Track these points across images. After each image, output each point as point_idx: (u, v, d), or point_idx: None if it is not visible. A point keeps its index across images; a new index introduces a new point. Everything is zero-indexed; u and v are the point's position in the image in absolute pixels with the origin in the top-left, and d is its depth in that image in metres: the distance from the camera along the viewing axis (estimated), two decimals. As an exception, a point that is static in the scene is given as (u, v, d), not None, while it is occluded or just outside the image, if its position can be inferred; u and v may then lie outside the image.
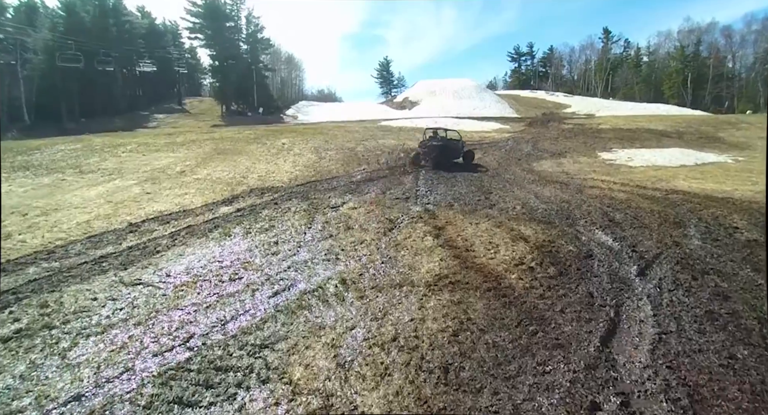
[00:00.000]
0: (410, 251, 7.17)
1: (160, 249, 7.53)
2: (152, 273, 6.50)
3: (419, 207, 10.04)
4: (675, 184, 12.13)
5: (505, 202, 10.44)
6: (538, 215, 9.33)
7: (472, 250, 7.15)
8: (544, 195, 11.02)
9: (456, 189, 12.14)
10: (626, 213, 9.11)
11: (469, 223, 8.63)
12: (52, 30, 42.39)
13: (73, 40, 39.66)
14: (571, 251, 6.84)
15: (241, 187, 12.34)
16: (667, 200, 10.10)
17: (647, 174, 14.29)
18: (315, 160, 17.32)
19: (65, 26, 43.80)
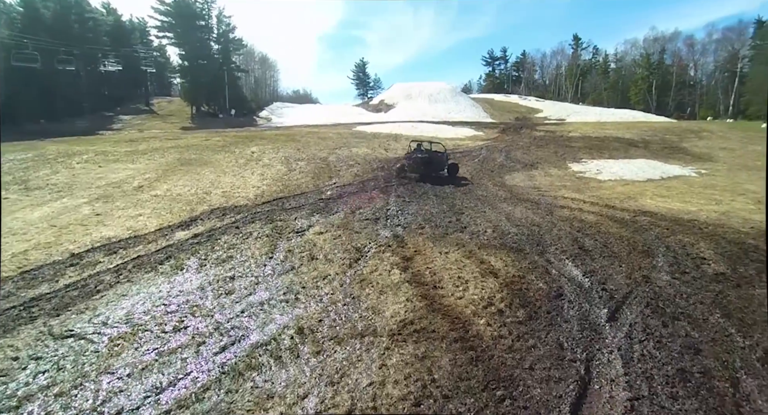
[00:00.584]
0: (376, 289, 6.73)
1: (101, 288, 6.84)
2: (87, 321, 5.83)
3: (388, 232, 9.62)
4: (643, 204, 12.15)
5: (477, 225, 10.15)
6: (509, 240, 9.06)
7: (441, 287, 6.77)
8: (515, 216, 10.79)
9: (427, 208, 11.80)
10: (596, 239, 8.95)
11: (438, 252, 8.26)
12: (9, 27, 39.89)
13: (31, 38, 37.36)
14: (542, 290, 6.55)
15: (201, 207, 11.62)
16: (635, 224, 10.02)
17: (615, 190, 14.34)
18: (284, 173, 16.68)
19: (23, 23, 41.31)
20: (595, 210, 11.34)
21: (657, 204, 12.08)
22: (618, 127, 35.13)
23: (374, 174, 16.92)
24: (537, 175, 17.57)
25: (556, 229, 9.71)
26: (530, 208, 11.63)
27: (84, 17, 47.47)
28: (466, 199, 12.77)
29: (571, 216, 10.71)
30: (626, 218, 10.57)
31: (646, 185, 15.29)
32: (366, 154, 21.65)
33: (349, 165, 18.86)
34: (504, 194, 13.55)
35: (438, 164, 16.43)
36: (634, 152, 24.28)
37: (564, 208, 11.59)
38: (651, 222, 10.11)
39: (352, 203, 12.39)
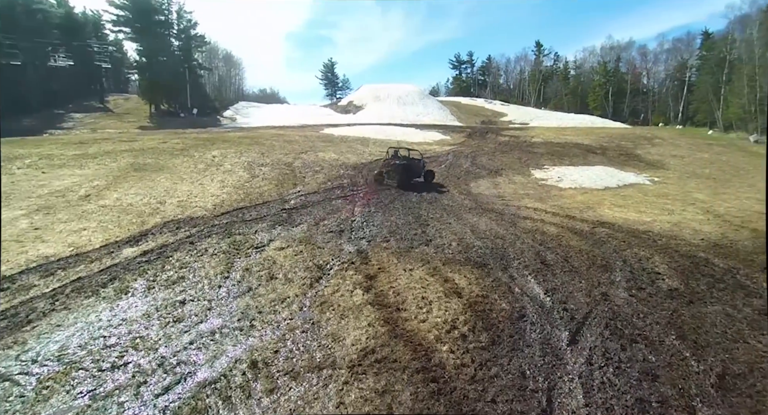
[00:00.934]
0: (337, 313, 6.45)
1: (33, 317, 6.19)
2: (14, 358, 5.24)
3: (352, 246, 9.35)
4: (601, 214, 12.45)
5: (442, 238, 10.04)
6: (473, 254, 9.00)
7: (404, 308, 6.57)
8: (479, 229, 10.77)
9: (393, 219, 11.60)
10: (557, 253, 9.02)
11: (403, 269, 8.07)
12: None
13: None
14: (504, 311, 6.47)
15: (154, 219, 10.93)
16: (594, 236, 10.21)
17: (576, 199, 14.67)
18: (247, 179, 16.06)
19: (-40, 12, 38.12)
20: (557, 221, 11.50)
21: (614, 214, 12.41)
22: (577, 133, 36.33)
23: (340, 182, 16.58)
24: (502, 183, 17.77)
25: (519, 242, 9.74)
26: (494, 219, 11.65)
27: (32, 9, 44.29)
28: (432, 210, 12.68)
29: (533, 228, 10.80)
30: (586, 229, 10.77)
31: (604, 194, 15.75)
32: (333, 160, 21.25)
33: (315, 171, 18.42)
34: (469, 204, 13.56)
35: (415, 171, 16.72)
36: (592, 159, 25.09)
37: (527, 219, 11.69)
38: (609, 234, 10.32)
39: (316, 214, 12.03)
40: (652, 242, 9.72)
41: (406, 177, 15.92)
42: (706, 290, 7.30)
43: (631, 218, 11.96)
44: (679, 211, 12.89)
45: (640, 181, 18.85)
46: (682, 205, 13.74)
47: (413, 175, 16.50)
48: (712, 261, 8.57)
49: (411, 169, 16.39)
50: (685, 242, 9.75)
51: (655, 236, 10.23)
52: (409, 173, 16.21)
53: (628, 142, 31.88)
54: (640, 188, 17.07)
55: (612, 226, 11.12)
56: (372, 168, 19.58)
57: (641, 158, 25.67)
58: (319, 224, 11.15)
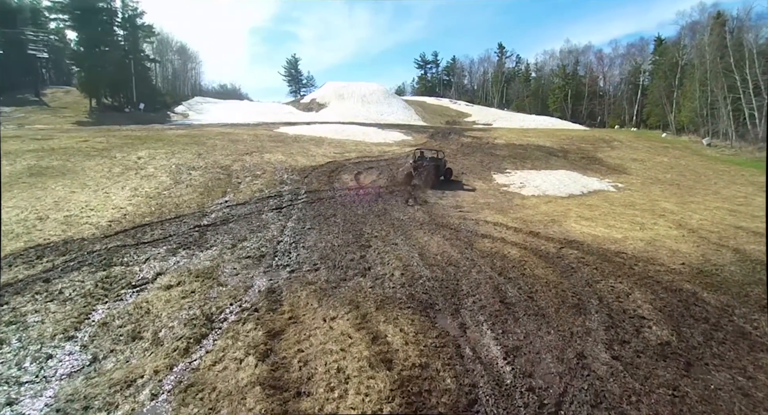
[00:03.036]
0: (204, 404, 4.29)
1: None
2: None
3: (266, 281, 7.19)
4: (567, 229, 10.84)
5: (384, 265, 8.05)
6: (419, 289, 7.05)
7: (308, 392, 4.51)
8: (430, 251, 8.84)
9: (330, 238, 9.50)
10: (520, 286, 7.21)
11: (322, 318, 5.99)
12: None
13: None
14: (449, 392, 4.52)
15: (16, 244, 8.34)
16: (562, 260, 8.50)
17: (539, 210, 13.06)
18: (167, 186, 13.51)
19: None
20: (519, 240, 9.75)
21: (582, 230, 10.82)
22: (539, 135, 35.40)
23: (280, 189, 14.29)
24: (459, 190, 15.99)
25: (475, 270, 7.88)
26: (449, 238, 9.76)
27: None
28: (379, 225, 10.66)
29: (493, 250, 8.98)
30: (552, 251, 9.05)
31: (569, 203, 14.25)
32: (279, 162, 18.88)
33: (254, 176, 16.03)
34: (422, 217, 11.64)
35: (441, 170, 17.14)
36: (555, 162, 23.89)
37: (486, 237, 9.87)
38: (579, 258, 8.64)
39: (237, 232, 9.76)
40: (629, 269, 8.09)
41: (436, 176, 16.27)
42: (704, 344, 5.65)
43: (601, 235, 10.39)
44: (650, 225, 11.48)
45: (604, 187, 17.60)
46: (651, 217, 12.37)
47: (440, 175, 16.98)
48: (701, 296, 6.99)
49: (439, 169, 16.80)
50: (665, 269, 8.19)
51: (630, 260, 8.63)
52: (437, 173, 16.58)
53: (587, 144, 31.12)
54: (606, 196, 15.73)
55: (581, 246, 9.47)
56: (321, 172, 17.43)
57: (602, 162, 24.72)
58: (236, 246, 8.90)
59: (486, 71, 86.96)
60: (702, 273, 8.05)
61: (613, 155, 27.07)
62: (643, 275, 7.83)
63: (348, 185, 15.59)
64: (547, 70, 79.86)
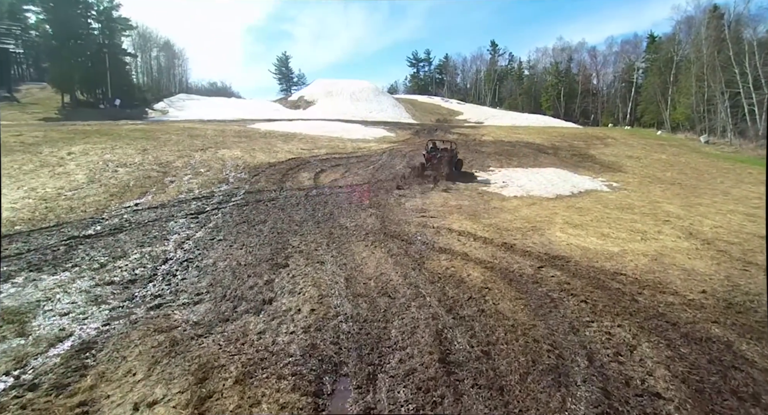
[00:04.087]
0: None
1: None
2: None
3: (95, 326, 4.79)
4: (551, 240, 8.46)
5: (292, 296, 5.68)
6: (326, 337, 4.71)
7: None
8: (364, 273, 6.46)
9: (240, 253, 7.14)
10: (474, 333, 4.84)
11: (132, 406, 3.60)
12: None
13: None
14: None
15: None
16: (539, 288, 6.12)
17: (519, 214, 10.69)
18: (76, 186, 11.18)
19: None
20: (487, 256, 7.37)
21: (569, 240, 8.45)
22: (529, 132, 33.09)
23: (215, 189, 11.91)
24: (430, 191, 13.61)
25: (416, 304, 5.49)
26: (395, 253, 7.38)
27: None
28: (313, 235, 8.27)
29: (447, 272, 6.59)
30: (528, 272, 6.67)
31: (555, 206, 11.89)
32: (233, 158, 16.48)
33: (195, 174, 13.63)
34: (372, 223, 9.25)
35: (454, 161, 16.29)
36: (543, 160, 21.55)
37: (444, 252, 7.49)
38: (562, 284, 6.25)
39: (122, 245, 7.38)
40: (630, 302, 5.72)
41: (449, 166, 15.51)
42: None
43: (593, 248, 8.02)
44: (654, 233, 9.12)
45: (597, 186, 15.25)
46: (654, 223, 10.02)
47: (453, 165, 16.04)
48: (741, 351, 4.63)
49: (452, 160, 16.01)
50: (681, 301, 5.82)
51: (631, 286, 6.26)
52: (450, 163, 15.76)
53: (580, 141, 28.83)
54: (599, 197, 13.37)
55: (567, 264, 7.10)
56: (277, 170, 15.06)
57: (596, 159, 22.38)
58: (105, 266, 6.51)
59: (478, 69, 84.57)
60: (732, 307, 5.69)
61: (607, 152, 24.74)
62: (651, 311, 5.46)
63: (302, 185, 13.19)
64: (540, 68, 77.58)
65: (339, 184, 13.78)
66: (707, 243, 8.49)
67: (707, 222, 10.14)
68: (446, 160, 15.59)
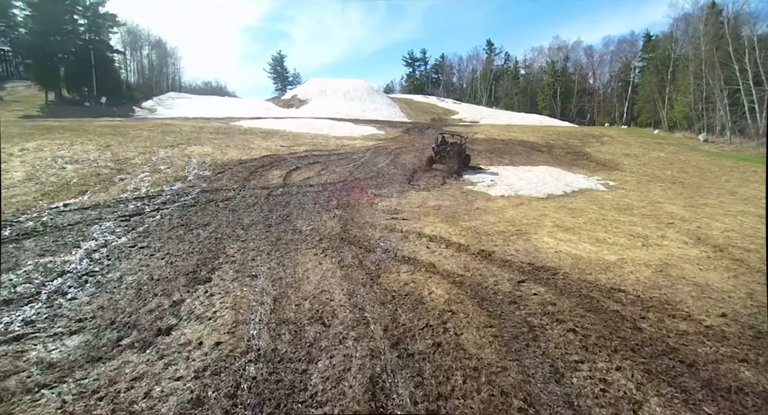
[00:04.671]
0: None
1: None
2: None
3: None
4: (537, 247, 7.15)
5: (200, 322, 4.42)
6: (221, 386, 3.41)
7: None
8: (301, 290, 5.15)
9: (157, 265, 5.83)
10: (421, 383, 3.54)
11: None
12: None
13: None
14: None
15: None
16: (516, 311, 4.81)
17: (504, 216, 9.39)
18: (10, 184, 9.81)
19: None
20: (458, 267, 6.06)
21: (558, 247, 7.14)
22: (523, 130, 31.79)
23: (167, 187, 10.60)
24: (411, 190, 12.32)
25: (353, 336, 4.19)
26: (348, 263, 6.06)
27: None
28: (256, 241, 6.96)
29: (405, 289, 5.28)
30: (504, 290, 5.36)
31: (545, 206, 10.59)
32: (202, 155, 15.17)
33: (153, 171, 12.33)
34: (333, 226, 7.94)
35: (463, 155, 16.18)
36: (536, 158, 20.26)
37: (407, 262, 6.17)
38: (545, 305, 4.95)
39: (24, 252, 6.05)
40: (632, 331, 4.41)
41: (458, 160, 15.36)
42: None
43: (586, 256, 6.72)
44: (657, 238, 7.82)
45: (593, 185, 13.95)
46: (656, 226, 8.72)
47: (462, 158, 15.96)
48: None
49: (461, 154, 15.89)
50: (697, 329, 4.52)
51: (633, 308, 4.96)
52: (459, 157, 15.64)
53: (575, 139, 27.52)
54: (594, 197, 12.08)
55: (554, 277, 5.80)
56: (246, 168, 13.76)
57: (591, 157, 21.09)
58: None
59: (475, 69, 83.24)
60: (763, 338, 4.38)
61: (603, 150, 23.45)
62: (659, 345, 4.15)
63: (268, 183, 11.88)
64: (536, 67, 76.34)
65: (310, 182, 12.46)
66: (719, 250, 7.19)
67: (716, 225, 8.84)
68: (455, 154, 15.38)
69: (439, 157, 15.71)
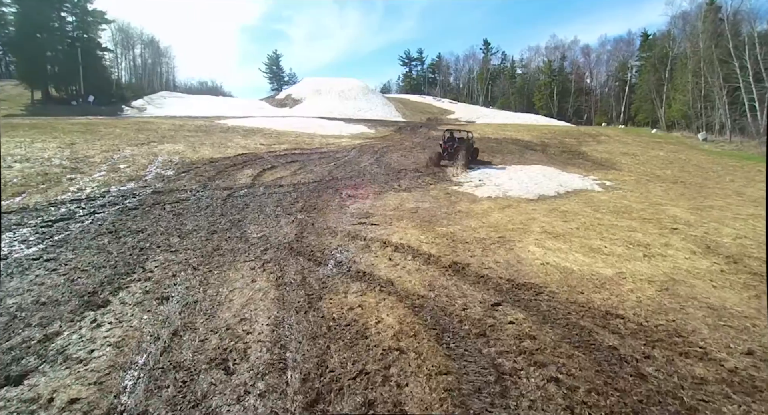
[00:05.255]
0: None
1: None
2: None
3: None
4: (520, 257, 6.04)
5: (65, 366, 3.37)
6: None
7: None
8: (214, 319, 4.05)
9: (38, 289, 4.69)
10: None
11: None
12: None
13: None
14: None
15: None
16: (486, 343, 3.72)
17: (488, 220, 8.29)
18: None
19: None
20: (421, 286, 4.95)
21: (545, 258, 6.04)
22: (518, 129, 30.72)
23: (115, 188, 9.49)
24: (390, 190, 11.22)
25: (257, 392, 3.09)
26: (288, 280, 4.96)
27: None
28: (193, 248, 5.85)
29: (347, 316, 4.17)
30: (473, 315, 4.26)
31: (535, 209, 9.49)
32: (170, 154, 14.10)
33: (111, 170, 11.29)
34: (287, 233, 6.83)
35: (470, 150, 16.29)
36: (530, 156, 19.17)
37: (359, 279, 5.07)
38: (523, 337, 3.85)
39: None
40: (635, 378, 3.31)
41: (466, 156, 15.36)
42: None
43: (577, 270, 5.62)
44: (660, 246, 6.72)
45: (588, 186, 12.85)
46: (659, 232, 7.62)
47: (470, 153, 16.09)
48: None
49: (468, 149, 15.93)
50: (719, 375, 3.42)
51: (634, 342, 3.87)
52: (467, 152, 15.64)
53: (571, 138, 26.43)
54: (589, 198, 10.98)
55: (536, 299, 4.70)
56: (215, 167, 12.68)
57: (587, 156, 19.99)
58: None
59: (471, 69, 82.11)
60: (808, 390, 3.27)
61: (600, 149, 22.36)
62: (671, 403, 3.04)
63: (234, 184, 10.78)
64: (533, 67, 75.20)
65: (282, 183, 11.37)
66: (733, 262, 6.09)
67: (726, 231, 7.74)
68: (463, 150, 15.35)
69: (447, 153, 15.54)
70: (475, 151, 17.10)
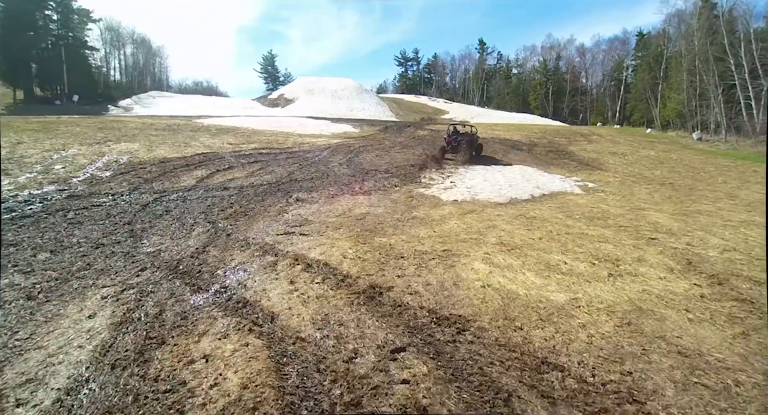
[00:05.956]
0: None
1: None
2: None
3: None
4: (460, 277, 4.89)
5: None
6: None
7: None
8: None
9: None
10: None
11: None
12: None
13: None
14: None
15: None
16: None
17: (441, 229, 7.13)
18: None
19: None
20: (310, 322, 3.81)
21: (489, 279, 4.88)
22: (509, 129, 29.58)
23: (29, 191, 8.37)
24: (347, 193, 10.08)
25: None
26: (136, 317, 3.82)
27: None
28: (44, 271, 4.72)
29: (178, 376, 3.02)
30: (357, 372, 3.11)
31: (500, 215, 8.33)
32: (121, 153, 13.04)
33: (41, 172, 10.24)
34: (188, 245, 5.70)
35: (475, 145, 16.39)
36: (513, 156, 18.01)
37: (233, 314, 3.92)
38: (412, 408, 2.67)
39: None
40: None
41: (470, 150, 15.54)
42: None
43: (523, 295, 4.46)
44: (631, 262, 5.55)
45: (568, 187, 11.69)
46: (633, 242, 6.45)
47: (473, 149, 16.14)
48: None
49: (472, 144, 16.04)
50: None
51: (565, 412, 2.67)
52: (471, 147, 15.77)
53: (562, 138, 25.24)
54: (565, 202, 9.81)
55: (456, 339, 3.57)
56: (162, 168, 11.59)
57: (574, 156, 18.81)
58: None
59: (467, 69, 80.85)
60: None
61: (589, 149, 21.17)
62: None
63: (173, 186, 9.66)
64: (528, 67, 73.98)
65: (230, 185, 10.26)
66: (718, 283, 4.93)
67: (713, 242, 6.57)
68: (467, 145, 15.50)
69: (451, 147, 15.71)
70: (479, 147, 17.02)
